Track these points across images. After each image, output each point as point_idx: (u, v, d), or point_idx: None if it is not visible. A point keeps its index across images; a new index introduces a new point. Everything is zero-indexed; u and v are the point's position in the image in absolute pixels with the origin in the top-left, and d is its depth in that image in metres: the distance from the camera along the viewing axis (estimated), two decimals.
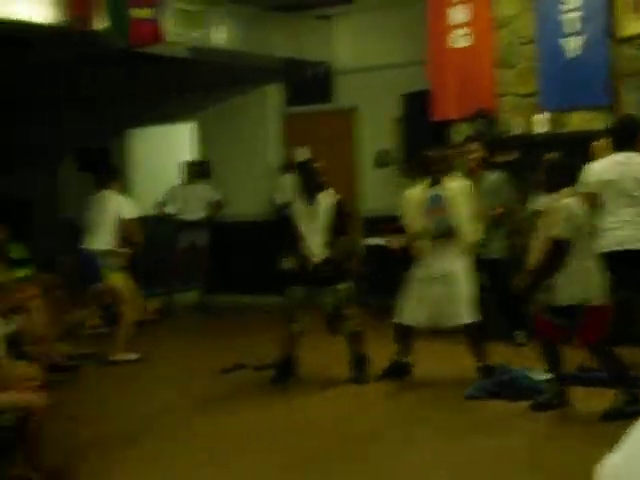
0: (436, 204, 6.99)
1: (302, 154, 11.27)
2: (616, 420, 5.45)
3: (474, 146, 8.27)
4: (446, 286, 6.94)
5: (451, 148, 8.52)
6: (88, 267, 8.48)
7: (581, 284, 5.82)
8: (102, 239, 8.41)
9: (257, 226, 11.80)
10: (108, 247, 8.40)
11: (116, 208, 8.43)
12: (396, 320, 7.17)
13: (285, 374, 7.35)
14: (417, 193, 7.12)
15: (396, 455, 5.36)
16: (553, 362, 6.16)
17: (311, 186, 7.18)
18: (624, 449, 1.82)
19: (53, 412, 5.16)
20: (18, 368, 5.34)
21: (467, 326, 7.00)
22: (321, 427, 6.10)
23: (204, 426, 6.20)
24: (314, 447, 5.61)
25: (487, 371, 6.83)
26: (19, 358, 5.73)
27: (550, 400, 6.13)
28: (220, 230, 11.91)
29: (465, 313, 6.94)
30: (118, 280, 8.52)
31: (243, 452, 5.55)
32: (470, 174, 7.97)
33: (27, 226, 12.92)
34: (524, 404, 6.23)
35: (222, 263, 12.05)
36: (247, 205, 12.00)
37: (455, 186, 7.08)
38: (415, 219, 7.04)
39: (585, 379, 6.50)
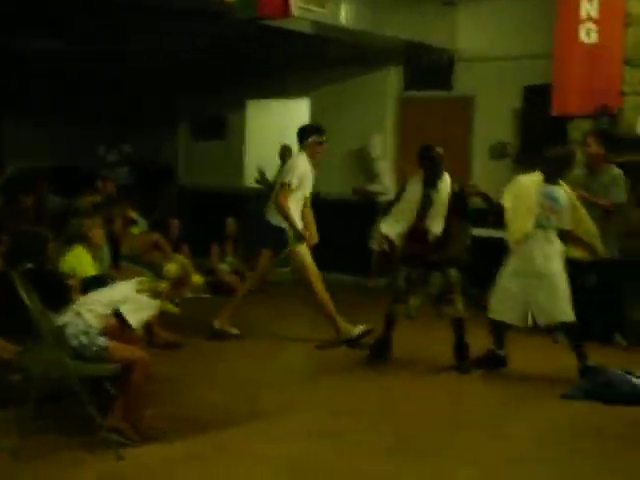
0: (553, 203, 6.89)
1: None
2: None
3: (591, 140, 8.15)
4: (544, 282, 6.85)
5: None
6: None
7: None
8: None
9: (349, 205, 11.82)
10: None
11: None
12: (490, 316, 7.12)
13: (381, 355, 7.37)
14: (531, 183, 6.99)
15: (484, 446, 5.34)
16: None
17: (433, 172, 7.15)
18: None
19: (154, 372, 5.31)
20: None
21: (565, 324, 6.92)
22: (410, 410, 6.11)
23: (298, 399, 6.29)
24: (405, 429, 5.64)
25: (586, 372, 6.74)
26: None
27: None
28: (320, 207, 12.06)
29: (564, 311, 6.86)
30: None
31: (331, 427, 5.61)
32: (590, 168, 8.08)
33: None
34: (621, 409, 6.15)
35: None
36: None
37: (569, 192, 6.98)
38: (526, 210, 6.92)
39: None
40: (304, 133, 8.09)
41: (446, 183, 7.14)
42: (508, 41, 10.80)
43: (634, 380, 6.53)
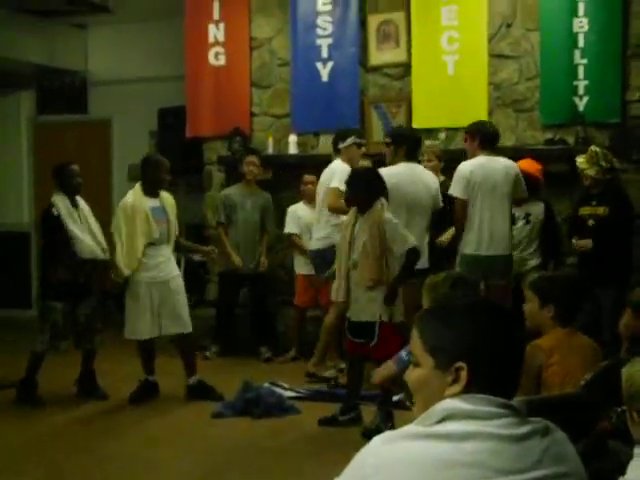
0: (159, 215, 6.98)
1: None
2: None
3: (253, 158, 8.46)
4: (169, 290, 6.95)
5: None
6: None
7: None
8: None
9: (11, 236, 11.36)
10: None
11: None
12: (132, 337, 7.04)
13: (30, 392, 7.04)
14: (136, 202, 6.97)
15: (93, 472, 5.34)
16: (354, 379, 6.27)
17: (71, 187, 7.02)
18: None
19: None
20: None
21: (186, 337, 7.08)
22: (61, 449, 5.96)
23: None
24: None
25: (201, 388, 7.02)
26: None
27: (339, 416, 6.22)
28: None
29: (186, 322, 7.03)
30: None
31: None
32: (247, 184, 8.47)
33: None
34: (271, 421, 6.39)
35: None
36: None
37: (168, 197, 7.15)
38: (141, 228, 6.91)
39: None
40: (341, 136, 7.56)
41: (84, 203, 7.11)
42: (141, 64, 10.81)
43: (279, 391, 6.84)
